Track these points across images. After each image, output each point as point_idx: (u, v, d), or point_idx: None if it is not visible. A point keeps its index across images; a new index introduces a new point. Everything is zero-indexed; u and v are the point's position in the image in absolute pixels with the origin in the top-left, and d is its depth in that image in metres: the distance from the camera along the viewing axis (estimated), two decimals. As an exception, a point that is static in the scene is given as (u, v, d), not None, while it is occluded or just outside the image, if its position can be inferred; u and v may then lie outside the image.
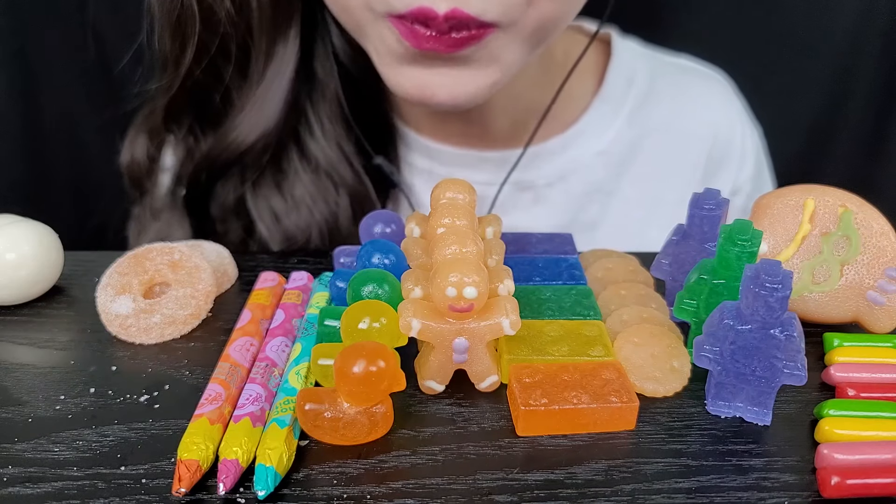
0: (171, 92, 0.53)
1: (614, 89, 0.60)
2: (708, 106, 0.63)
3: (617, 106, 0.60)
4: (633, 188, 0.60)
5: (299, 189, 0.54)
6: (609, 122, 0.59)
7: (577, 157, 0.59)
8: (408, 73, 0.45)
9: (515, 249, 0.42)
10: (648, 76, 0.61)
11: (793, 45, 0.77)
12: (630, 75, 0.61)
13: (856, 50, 0.77)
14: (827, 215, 0.38)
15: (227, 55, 0.51)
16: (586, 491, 0.29)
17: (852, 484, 0.28)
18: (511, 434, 0.31)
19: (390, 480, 0.29)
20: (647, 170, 0.60)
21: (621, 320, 0.37)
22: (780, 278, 0.29)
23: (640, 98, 0.60)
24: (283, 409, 0.31)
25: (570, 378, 0.32)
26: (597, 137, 0.59)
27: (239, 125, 0.52)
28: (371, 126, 0.56)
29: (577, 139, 0.59)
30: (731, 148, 0.62)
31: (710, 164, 0.61)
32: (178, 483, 0.27)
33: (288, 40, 0.51)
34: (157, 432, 0.31)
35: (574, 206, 0.60)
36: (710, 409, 0.33)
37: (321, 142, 0.54)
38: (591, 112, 0.59)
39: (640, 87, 0.61)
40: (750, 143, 0.64)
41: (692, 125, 0.61)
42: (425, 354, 0.33)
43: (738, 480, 0.29)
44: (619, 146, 0.60)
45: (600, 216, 0.60)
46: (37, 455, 0.30)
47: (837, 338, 0.37)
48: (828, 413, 0.32)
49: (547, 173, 0.58)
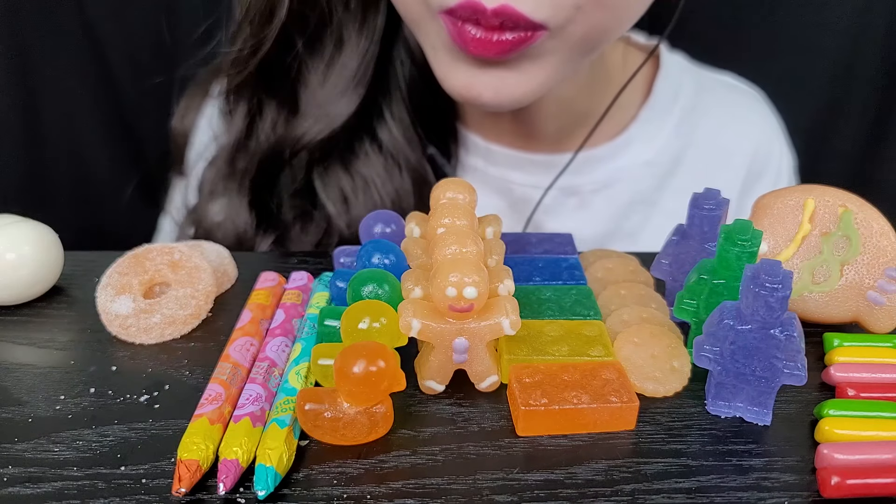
0: (257, 55, 0.53)
1: (662, 101, 0.61)
2: (750, 122, 0.64)
3: (664, 117, 0.61)
4: (675, 200, 0.61)
5: (367, 170, 0.55)
6: (656, 132, 0.61)
7: (625, 165, 0.60)
8: (457, 72, 0.46)
9: (515, 249, 0.42)
10: (694, 90, 0.63)
11: (792, 44, 0.77)
12: (676, 88, 0.62)
13: (856, 50, 0.77)
14: (827, 215, 0.38)
15: (310, 38, 0.52)
16: (586, 491, 0.29)
17: (852, 484, 0.28)
18: (511, 434, 0.31)
19: (390, 480, 0.29)
20: (689, 182, 0.61)
21: (621, 320, 0.37)
22: (780, 278, 0.29)
23: (685, 111, 0.62)
24: (283, 409, 0.31)
25: (571, 378, 0.32)
26: (645, 147, 0.60)
27: (311, 118, 0.53)
28: (430, 117, 0.57)
29: (625, 148, 0.60)
30: (769, 164, 0.64)
31: (748, 179, 0.63)
32: (178, 483, 0.27)
33: (378, 13, 0.52)
34: (157, 432, 0.31)
35: (618, 214, 0.60)
36: (710, 410, 0.33)
37: (391, 126, 0.55)
38: (639, 121, 0.60)
39: (685, 100, 0.62)
40: (785, 163, 0.65)
41: (734, 140, 0.63)
42: (425, 354, 0.33)
43: (738, 480, 0.29)
44: (665, 157, 0.61)
45: (641, 226, 0.61)
46: (37, 455, 0.30)
47: (837, 338, 0.37)
48: (828, 413, 0.32)
49: (594, 179, 0.59)
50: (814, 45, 0.76)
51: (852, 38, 0.76)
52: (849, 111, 0.80)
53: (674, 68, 0.63)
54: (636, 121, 0.60)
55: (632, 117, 0.61)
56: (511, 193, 0.59)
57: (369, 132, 0.55)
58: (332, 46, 0.53)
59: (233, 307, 0.40)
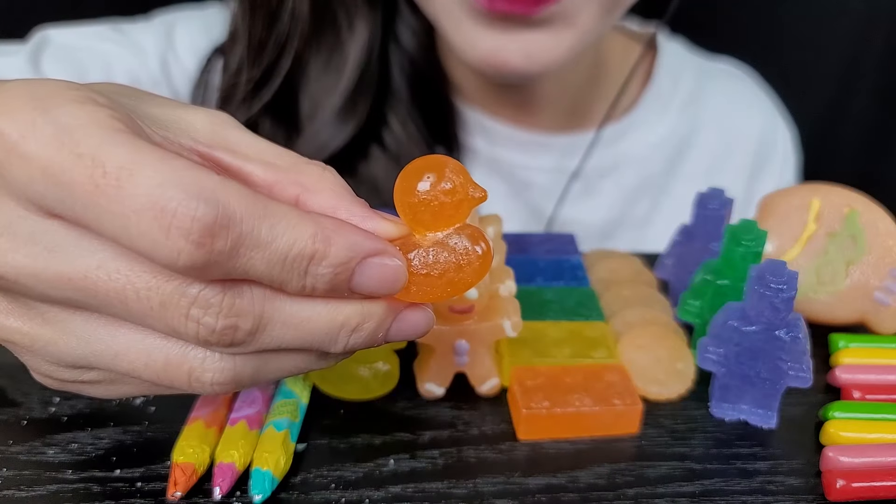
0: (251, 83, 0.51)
1: (664, 84, 0.61)
2: (752, 106, 0.65)
3: (667, 100, 0.61)
4: (685, 186, 0.60)
5: (373, 171, 0.54)
6: (661, 115, 0.61)
7: (631, 148, 0.60)
8: (481, 38, 0.44)
9: (517, 250, 0.42)
10: (694, 76, 0.63)
11: (798, 42, 0.77)
12: (676, 74, 0.62)
13: (862, 48, 0.76)
14: (832, 215, 0.38)
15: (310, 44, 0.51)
16: (589, 495, 0.28)
17: (858, 487, 0.28)
18: (512, 438, 0.31)
19: (389, 484, 0.28)
20: (697, 168, 0.61)
21: (625, 322, 0.36)
22: (786, 279, 0.29)
23: (688, 95, 0.62)
24: (280, 412, 0.30)
25: (573, 381, 0.32)
26: (650, 129, 0.60)
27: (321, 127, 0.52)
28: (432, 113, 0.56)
29: (628, 130, 0.60)
30: (775, 149, 0.64)
31: (755, 166, 0.63)
32: (174, 487, 0.27)
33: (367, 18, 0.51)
34: (153, 435, 0.31)
35: (625, 199, 0.60)
36: (714, 412, 0.33)
37: (396, 128, 0.54)
38: (642, 105, 0.60)
39: (687, 84, 0.62)
40: (790, 144, 0.66)
41: (740, 125, 0.63)
42: (425, 357, 0.33)
43: (742, 484, 0.29)
44: (671, 139, 0.61)
45: (650, 213, 0.61)
46: (31, 458, 0.29)
47: (843, 339, 0.36)
48: (833, 415, 0.31)
49: (599, 164, 0.59)
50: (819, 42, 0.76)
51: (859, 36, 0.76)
52: (855, 110, 0.79)
53: (672, 55, 0.63)
54: (638, 104, 0.60)
55: (633, 101, 0.61)
56: (512, 177, 0.58)
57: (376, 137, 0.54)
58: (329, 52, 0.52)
59: (231, 308, 0.39)
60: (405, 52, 0.54)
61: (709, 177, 0.61)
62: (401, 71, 0.54)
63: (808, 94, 0.77)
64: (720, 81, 0.64)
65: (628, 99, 0.60)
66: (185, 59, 0.55)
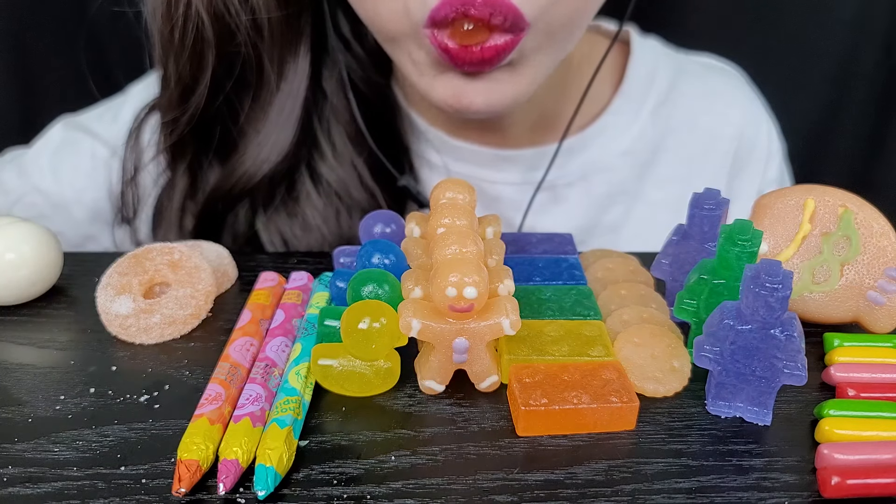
0: (180, 124, 0.51)
1: (635, 87, 0.59)
2: (733, 104, 0.62)
3: (638, 104, 0.59)
4: (658, 190, 0.59)
5: (310, 212, 0.53)
6: (631, 121, 0.59)
7: (599, 156, 0.58)
8: (444, 82, 0.44)
9: (515, 249, 0.42)
10: (670, 74, 0.60)
11: (793, 44, 0.77)
12: (651, 73, 0.60)
13: (856, 49, 0.77)
14: (827, 215, 0.38)
15: (239, 81, 0.50)
16: (586, 491, 0.29)
17: (852, 484, 0.28)
18: (511, 434, 0.31)
19: (390, 480, 0.29)
20: (672, 171, 0.59)
21: (621, 320, 0.37)
22: (781, 278, 0.29)
23: (661, 96, 0.59)
24: (283, 409, 0.31)
25: (571, 378, 0.32)
26: (618, 136, 0.58)
27: (250, 156, 0.51)
28: (386, 144, 0.55)
29: (597, 137, 0.58)
30: (757, 147, 0.61)
31: (735, 164, 0.61)
32: (178, 483, 0.27)
33: (298, 59, 0.50)
34: (157, 432, 0.31)
35: (596, 207, 0.59)
36: (710, 410, 0.33)
37: (333, 164, 0.53)
38: (611, 110, 0.58)
39: (661, 85, 0.60)
40: (776, 145, 0.63)
41: (717, 124, 0.60)
42: (425, 354, 0.33)
43: (738, 480, 0.29)
44: (641, 145, 0.59)
45: (623, 219, 0.59)
46: (37, 455, 0.30)
47: (837, 338, 0.37)
48: (828, 413, 0.32)
49: (567, 172, 0.57)
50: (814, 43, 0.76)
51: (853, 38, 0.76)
52: (849, 111, 0.80)
53: (647, 53, 0.61)
54: (607, 109, 0.58)
55: (603, 106, 0.59)
56: (481, 191, 0.57)
57: (310, 173, 0.53)
58: (262, 92, 0.51)
59: (233, 307, 0.40)
60: (342, 85, 0.53)
61: (684, 179, 0.59)
62: (340, 94, 0.53)
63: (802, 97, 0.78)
64: (698, 78, 0.62)
65: (599, 103, 0.59)
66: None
